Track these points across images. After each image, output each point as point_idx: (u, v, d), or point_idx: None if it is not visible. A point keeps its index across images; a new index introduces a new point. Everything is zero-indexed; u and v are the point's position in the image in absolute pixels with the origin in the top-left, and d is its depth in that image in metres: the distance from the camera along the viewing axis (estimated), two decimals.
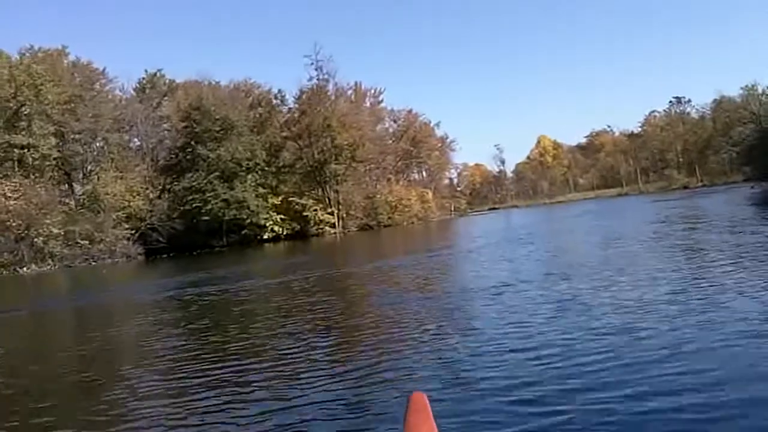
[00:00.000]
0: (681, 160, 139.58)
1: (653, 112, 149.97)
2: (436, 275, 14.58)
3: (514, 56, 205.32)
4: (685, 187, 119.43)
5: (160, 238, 64.53)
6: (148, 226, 64.89)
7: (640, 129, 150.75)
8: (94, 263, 57.54)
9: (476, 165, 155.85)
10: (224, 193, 67.55)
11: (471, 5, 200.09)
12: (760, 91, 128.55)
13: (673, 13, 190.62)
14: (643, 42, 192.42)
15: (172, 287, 21.00)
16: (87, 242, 58.58)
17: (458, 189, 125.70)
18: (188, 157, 69.65)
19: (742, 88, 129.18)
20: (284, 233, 72.79)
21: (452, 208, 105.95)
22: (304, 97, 78.67)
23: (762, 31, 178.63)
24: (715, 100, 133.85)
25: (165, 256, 60.36)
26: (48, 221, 56.14)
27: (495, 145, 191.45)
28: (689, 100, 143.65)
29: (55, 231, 56.30)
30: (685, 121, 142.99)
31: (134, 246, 62.52)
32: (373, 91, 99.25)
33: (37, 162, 62.19)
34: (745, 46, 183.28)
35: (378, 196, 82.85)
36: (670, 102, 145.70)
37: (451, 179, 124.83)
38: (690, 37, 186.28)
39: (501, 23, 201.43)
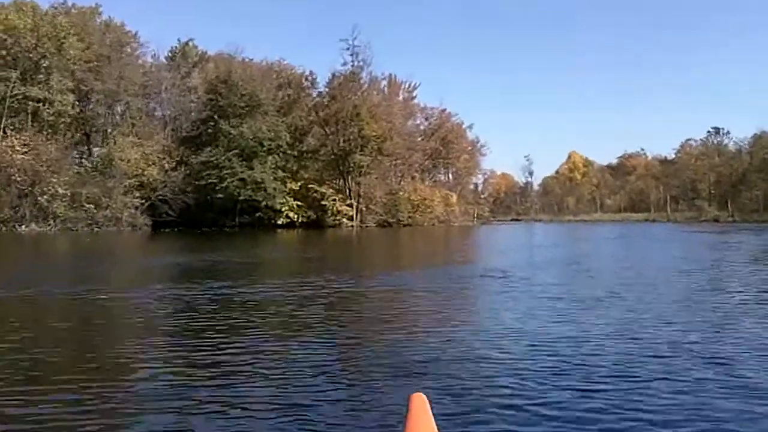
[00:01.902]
0: (713, 192, 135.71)
1: (690, 140, 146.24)
2: (462, 312, 11.35)
3: (554, 69, 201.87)
4: (716, 221, 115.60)
5: (170, 211, 61.90)
6: (159, 197, 62.20)
7: (674, 155, 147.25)
8: (97, 229, 55.15)
9: (503, 174, 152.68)
10: (242, 172, 64.77)
11: (517, 16, 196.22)
12: None
13: (720, 42, 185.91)
14: (688, 68, 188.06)
15: (160, 277, 18.18)
16: (93, 206, 56.08)
17: (482, 196, 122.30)
18: (209, 130, 66.93)
19: None
20: (299, 220, 70.08)
21: (475, 215, 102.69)
22: (335, 82, 75.63)
23: None
24: (754, 134, 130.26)
25: (173, 230, 57.71)
26: (55, 180, 53.77)
27: (525, 156, 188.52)
28: (728, 132, 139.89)
29: (61, 191, 53.89)
30: (721, 153, 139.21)
31: (142, 216, 60.01)
32: (407, 85, 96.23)
33: (51, 118, 59.86)
34: None
35: (401, 193, 79.94)
36: (708, 132, 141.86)
37: (476, 185, 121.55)
38: (736, 70, 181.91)
39: (544, 36, 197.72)
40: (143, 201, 60.93)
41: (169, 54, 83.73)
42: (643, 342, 7.71)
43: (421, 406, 2.00)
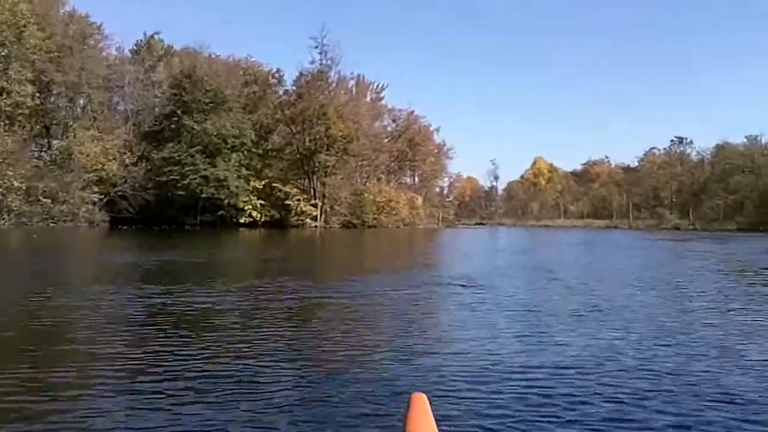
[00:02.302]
0: (674, 200, 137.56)
1: (653, 148, 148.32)
2: (426, 315, 10.94)
3: (520, 74, 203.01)
4: (676, 229, 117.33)
5: (130, 208, 60.35)
6: (119, 193, 60.68)
7: (637, 164, 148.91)
8: (53, 224, 53.56)
9: (468, 178, 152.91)
10: (204, 169, 63.48)
11: (487, 21, 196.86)
12: (764, 142, 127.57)
13: (685, 54, 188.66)
14: (653, 78, 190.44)
15: (104, 277, 17.28)
16: (49, 201, 54.47)
17: (448, 199, 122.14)
18: (172, 126, 65.44)
19: (746, 137, 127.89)
20: (262, 220, 69.03)
21: (440, 218, 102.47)
22: (303, 80, 74.69)
23: None
24: (717, 145, 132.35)
25: (132, 227, 56.31)
26: (11, 173, 52.04)
27: (491, 160, 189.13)
28: (691, 142, 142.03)
29: (17, 184, 52.16)
30: (683, 162, 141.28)
31: (100, 212, 58.51)
32: (375, 86, 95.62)
33: (9, 109, 57.85)
34: (753, 95, 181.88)
35: (366, 194, 79.32)
36: (672, 141, 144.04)
37: (441, 188, 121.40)
38: (701, 80, 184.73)
39: (515, 42, 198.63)
40: (102, 196, 59.40)
41: (134, 47, 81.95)
42: (613, 355, 7.61)
43: (421, 406, 1.98)
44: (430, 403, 2.02)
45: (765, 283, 17.77)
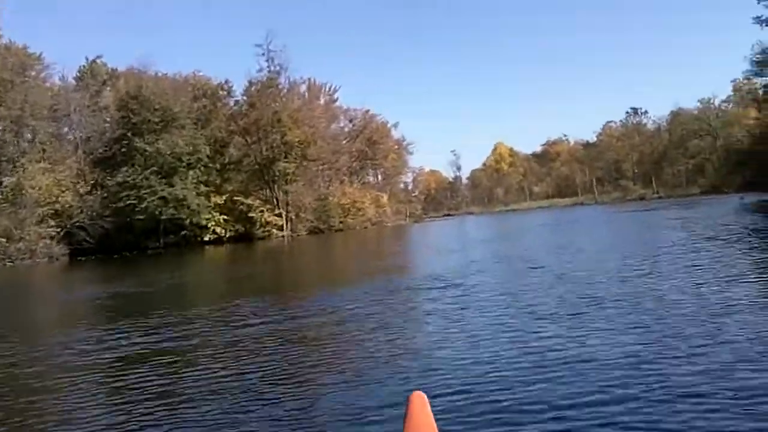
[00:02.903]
0: (636, 171, 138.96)
1: (610, 122, 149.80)
2: (408, 324, 10.06)
3: (472, 62, 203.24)
4: (641, 199, 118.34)
5: (89, 238, 58.49)
6: (76, 224, 58.80)
7: (596, 139, 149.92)
8: (10, 263, 51.65)
9: (431, 171, 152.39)
10: (162, 190, 61.82)
11: (425, 12, 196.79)
12: (717, 104, 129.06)
13: (631, 24, 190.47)
14: (602, 52, 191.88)
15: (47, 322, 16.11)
16: (4, 240, 52.57)
17: (413, 194, 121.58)
18: (123, 150, 63.74)
19: (699, 101, 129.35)
20: (227, 235, 67.47)
21: (407, 214, 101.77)
22: (253, 89, 73.33)
23: (719, 44, 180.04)
24: (671, 112, 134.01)
25: (92, 257, 54.63)
26: None
27: (452, 151, 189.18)
28: (646, 112, 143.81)
29: None
30: (641, 133, 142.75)
31: (58, 246, 56.61)
32: (327, 89, 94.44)
33: None
34: (703, 59, 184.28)
35: (330, 198, 78.24)
36: (627, 113, 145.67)
37: (405, 183, 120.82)
38: (648, 48, 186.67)
39: (458, 29, 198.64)
40: (59, 230, 57.52)
41: (78, 74, 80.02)
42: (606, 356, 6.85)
43: (420, 405, 1.95)
44: (430, 402, 1.97)
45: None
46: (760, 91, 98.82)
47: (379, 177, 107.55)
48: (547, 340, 7.76)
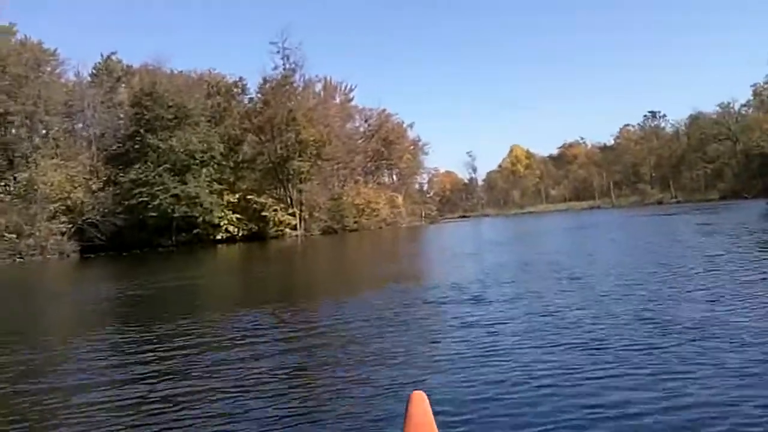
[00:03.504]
0: (654, 175, 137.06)
1: (627, 125, 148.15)
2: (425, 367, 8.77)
3: (490, 64, 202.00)
4: (659, 203, 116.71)
5: (100, 235, 57.69)
6: (88, 221, 58.14)
7: (613, 142, 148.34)
8: (20, 260, 51.08)
9: (447, 172, 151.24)
10: (174, 188, 61.00)
11: (446, 7, 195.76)
12: (736, 108, 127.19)
13: (650, 27, 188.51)
14: (621, 54, 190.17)
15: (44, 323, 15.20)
16: (14, 236, 52.00)
17: (428, 195, 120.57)
18: (137, 146, 63.05)
19: (718, 105, 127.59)
20: (240, 234, 66.64)
21: (422, 215, 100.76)
22: (267, 87, 72.53)
23: (739, 49, 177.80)
24: (690, 115, 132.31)
25: (102, 255, 53.98)
26: None
27: (467, 152, 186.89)
28: (664, 115, 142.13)
29: None
30: (659, 136, 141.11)
31: (69, 243, 55.97)
32: (343, 88, 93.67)
33: None
34: (722, 64, 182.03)
35: (344, 197, 77.35)
36: (645, 116, 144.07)
37: (421, 184, 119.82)
38: (667, 52, 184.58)
39: (475, 30, 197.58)
40: (70, 226, 56.89)
41: (93, 70, 79.77)
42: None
43: (421, 404, 1.97)
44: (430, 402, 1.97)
45: None
46: None
47: (395, 177, 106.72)
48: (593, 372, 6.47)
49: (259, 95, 74.25)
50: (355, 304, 12.33)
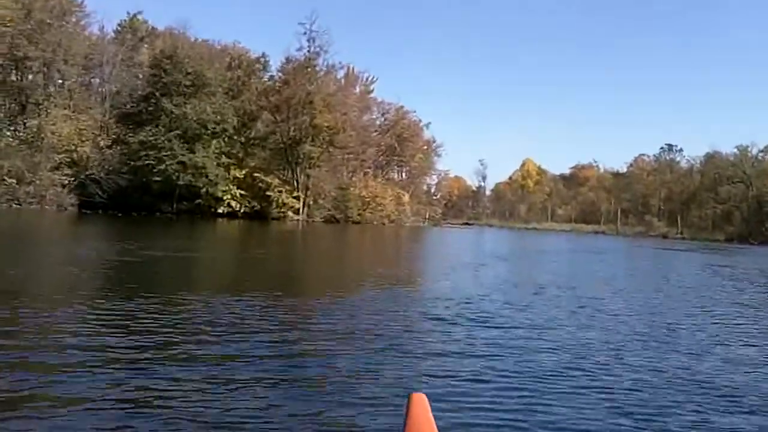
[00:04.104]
0: (663, 208, 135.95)
1: (642, 154, 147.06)
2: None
3: (511, 74, 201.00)
4: (664, 237, 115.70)
5: (101, 192, 56.88)
6: (91, 176, 57.33)
7: (626, 169, 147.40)
8: (17, 205, 50.36)
9: (456, 177, 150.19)
10: (182, 155, 60.08)
11: (477, 20, 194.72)
12: (754, 153, 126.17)
13: (677, 60, 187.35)
14: (644, 83, 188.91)
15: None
16: (14, 181, 51.25)
17: (435, 197, 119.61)
18: (150, 108, 62.05)
19: (736, 147, 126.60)
20: (242, 210, 65.83)
21: (427, 216, 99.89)
22: (289, 66, 71.68)
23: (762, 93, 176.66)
24: (707, 153, 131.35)
25: (100, 212, 53.29)
26: None
27: (479, 160, 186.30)
28: (681, 150, 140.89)
29: None
30: (673, 170, 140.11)
31: (69, 195, 55.21)
32: (364, 79, 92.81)
33: None
34: (745, 105, 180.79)
35: (351, 188, 76.56)
36: (662, 148, 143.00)
37: (429, 186, 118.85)
38: (690, 87, 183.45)
39: (504, 41, 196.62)
40: (72, 179, 56.12)
41: (118, 27, 79.19)
42: None
43: (421, 406, 1.97)
44: (430, 403, 1.95)
45: None
46: None
47: (404, 175, 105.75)
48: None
49: (279, 74, 73.39)
50: (348, 303, 11.50)
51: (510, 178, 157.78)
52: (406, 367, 6.88)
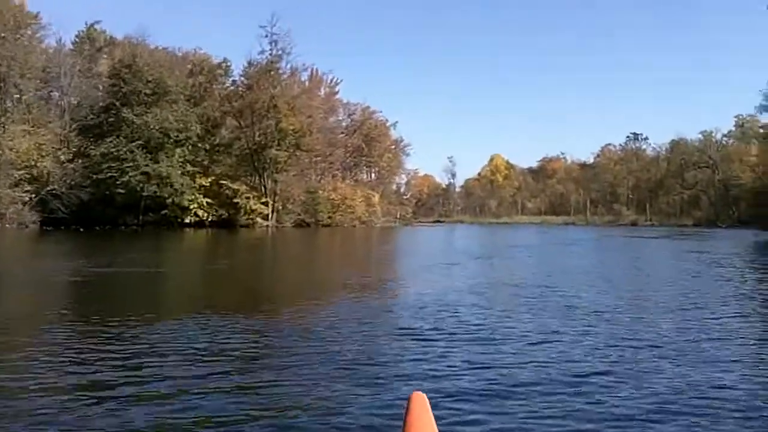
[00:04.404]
0: (631, 196, 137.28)
1: (609, 144, 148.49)
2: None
3: (477, 70, 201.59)
4: (634, 224, 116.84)
5: (63, 208, 55.50)
6: (52, 191, 55.94)
7: (593, 160, 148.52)
8: None
9: (425, 175, 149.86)
10: (146, 165, 58.95)
11: (438, 16, 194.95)
12: (718, 138, 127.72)
13: (641, 47, 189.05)
14: (606, 74, 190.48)
15: None
16: None
17: (405, 196, 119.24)
18: (111, 119, 60.89)
19: (700, 133, 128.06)
20: (209, 219, 64.69)
21: (398, 216, 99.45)
22: (252, 70, 70.74)
23: (726, 76, 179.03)
24: (672, 140, 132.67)
25: (65, 228, 51.98)
26: None
27: (448, 158, 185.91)
28: (646, 138, 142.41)
29: None
30: (639, 158, 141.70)
31: (30, 213, 53.80)
32: (329, 80, 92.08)
33: None
34: (708, 89, 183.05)
35: (320, 191, 75.72)
36: (628, 137, 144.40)
37: (398, 185, 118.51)
38: (653, 74, 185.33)
39: (466, 36, 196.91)
40: (33, 195, 54.71)
41: (76, 39, 77.62)
42: None
43: (420, 405, 1.95)
44: (430, 403, 1.95)
45: None
46: (761, 129, 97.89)
47: (373, 176, 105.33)
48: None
49: (242, 79, 72.49)
50: (316, 321, 10.87)
51: (479, 174, 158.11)
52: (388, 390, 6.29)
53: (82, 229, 50.82)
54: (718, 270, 21.27)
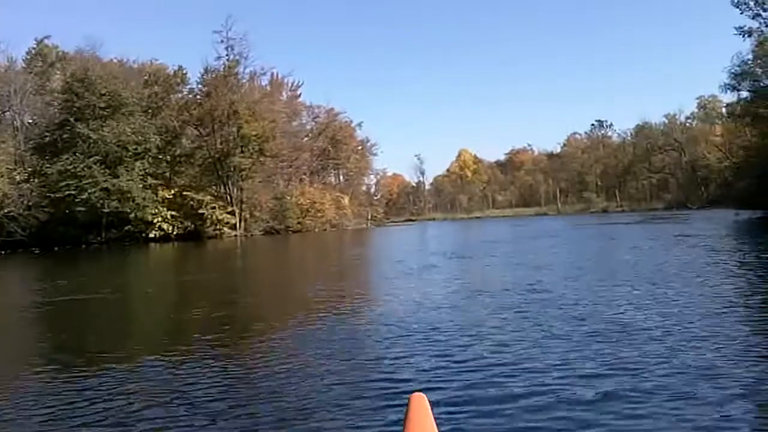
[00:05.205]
0: (600, 183, 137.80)
1: (575, 133, 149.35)
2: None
3: (438, 66, 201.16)
4: (605, 211, 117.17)
5: (20, 230, 53.32)
6: (8, 214, 53.68)
7: (560, 150, 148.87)
8: None
9: (394, 175, 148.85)
10: (105, 181, 56.99)
11: (394, 13, 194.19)
12: (682, 119, 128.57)
13: (598, 36, 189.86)
14: (568, 63, 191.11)
15: None
16: None
17: (375, 197, 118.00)
18: (66, 136, 58.78)
19: (664, 116, 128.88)
20: (175, 232, 62.65)
21: (369, 217, 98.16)
22: (209, 77, 68.90)
23: (685, 59, 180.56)
24: (637, 125, 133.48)
25: (23, 251, 49.93)
26: None
27: (416, 155, 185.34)
28: (611, 124, 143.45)
29: None
30: (605, 145, 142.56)
31: None
32: (290, 83, 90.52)
33: None
34: (669, 73, 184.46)
35: (288, 197, 74.08)
36: (592, 125, 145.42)
37: (368, 186, 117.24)
38: (615, 61, 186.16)
39: (426, 33, 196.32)
40: None
41: (27, 56, 75.37)
42: None
43: (421, 406, 1.95)
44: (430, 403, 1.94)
45: None
46: (723, 109, 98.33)
47: (341, 178, 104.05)
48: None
49: (200, 86, 70.55)
50: (284, 347, 9.56)
51: (448, 170, 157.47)
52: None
53: (37, 251, 48.81)
54: (731, 256, 19.64)
